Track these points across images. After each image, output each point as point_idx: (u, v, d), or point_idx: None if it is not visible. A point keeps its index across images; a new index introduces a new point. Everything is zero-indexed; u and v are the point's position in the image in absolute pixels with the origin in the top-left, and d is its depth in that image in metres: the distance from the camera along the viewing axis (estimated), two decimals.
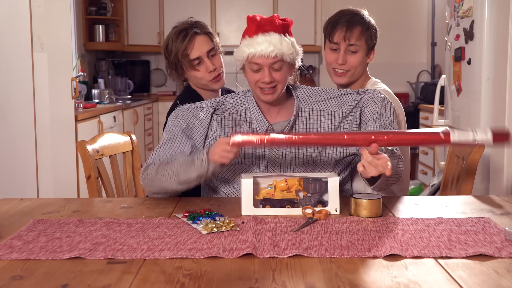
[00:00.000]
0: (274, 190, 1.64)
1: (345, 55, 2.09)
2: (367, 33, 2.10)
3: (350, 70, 2.11)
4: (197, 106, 1.92)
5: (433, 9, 6.24)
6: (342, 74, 2.11)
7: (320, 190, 1.65)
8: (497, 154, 3.25)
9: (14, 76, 3.34)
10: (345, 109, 1.89)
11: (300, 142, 1.59)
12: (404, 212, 1.65)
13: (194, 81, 2.31)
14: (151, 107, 6.07)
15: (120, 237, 1.40)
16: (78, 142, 2.10)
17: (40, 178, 3.46)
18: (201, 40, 2.25)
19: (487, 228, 1.46)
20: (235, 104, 1.93)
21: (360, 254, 1.27)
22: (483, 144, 2.04)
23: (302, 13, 6.25)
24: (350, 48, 2.09)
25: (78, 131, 3.91)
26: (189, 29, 2.25)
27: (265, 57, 1.77)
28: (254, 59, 1.78)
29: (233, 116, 1.91)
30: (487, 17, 3.34)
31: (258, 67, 1.79)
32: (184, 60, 2.23)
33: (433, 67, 6.34)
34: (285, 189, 1.64)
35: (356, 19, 2.09)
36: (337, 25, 2.09)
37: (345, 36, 2.07)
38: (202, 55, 2.24)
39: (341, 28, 2.08)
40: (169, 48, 2.27)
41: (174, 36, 2.26)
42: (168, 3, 6.34)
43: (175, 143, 1.86)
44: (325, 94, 1.93)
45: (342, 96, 1.92)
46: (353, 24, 2.07)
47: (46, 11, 3.45)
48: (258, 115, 1.88)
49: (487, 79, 3.36)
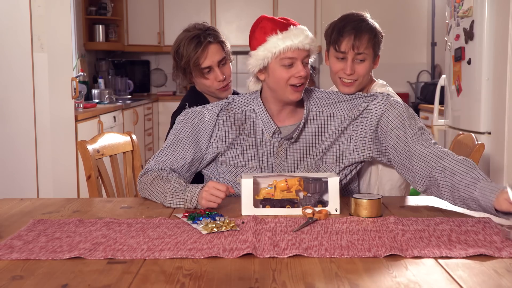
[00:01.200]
0: (274, 190, 1.63)
1: (353, 64, 1.95)
2: (375, 40, 1.98)
3: (358, 80, 1.97)
4: (204, 108, 1.90)
5: (433, 9, 6.24)
6: (350, 84, 1.97)
7: (320, 190, 1.65)
8: (497, 154, 3.25)
9: (14, 76, 3.34)
10: (355, 112, 1.86)
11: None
12: (404, 212, 1.65)
13: (201, 87, 2.28)
14: (151, 107, 6.07)
15: (120, 237, 1.40)
16: (78, 142, 2.10)
17: (40, 178, 3.46)
18: (214, 49, 2.20)
19: (487, 228, 1.46)
20: (241, 104, 1.90)
21: (360, 254, 1.27)
22: (482, 144, 2.04)
23: (302, 13, 6.25)
24: (358, 57, 1.95)
25: (78, 131, 3.91)
26: (202, 37, 2.19)
27: (301, 50, 1.76)
28: (288, 53, 1.75)
29: (238, 116, 1.88)
30: (487, 17, 3.34)
31: (291, 61, 1.76)
32: (195, 69, 2.19)
33: (433, 67, 6.34)
34: (285, 189, 1.63)
35: (363, 25, 1.96)
36: (344, 33, 1.95)
37: (354, 45, 1.94)
38: (213, 64, 2.19)
39: (349, 36, 1.94)
40: (180, 53, 2.21)
41: (186, 42, 2.20)
42: (168, 3, 6.33)
43: (178, 149, 1.85)
44: (337, 97, 1.91)
45: (353, 99, 1.89)
46: (361, 32, 1.95)
47: (46, 11, 3.45)
48: (265, 117, 1.85)
49: (487, 79, 3.36)
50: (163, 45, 6.30)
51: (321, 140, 1.86)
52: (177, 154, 1.84)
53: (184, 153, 1.84)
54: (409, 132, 1.77)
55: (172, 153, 1.85)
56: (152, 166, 1.85)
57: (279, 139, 1.85)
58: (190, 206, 1.69)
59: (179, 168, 1.84)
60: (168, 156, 1.85)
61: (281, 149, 1.85)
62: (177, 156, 1.84)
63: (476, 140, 2.08)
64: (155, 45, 6.36)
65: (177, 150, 1.85)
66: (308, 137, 1.86)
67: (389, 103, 1.82)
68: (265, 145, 1.86)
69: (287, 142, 1.85)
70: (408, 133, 1.76)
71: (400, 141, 1.77)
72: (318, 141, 1.86)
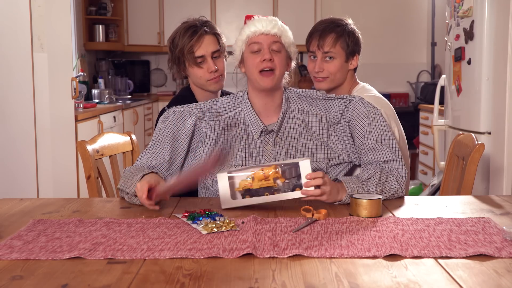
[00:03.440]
0: (252, 180, 1.67)
1: (322, 62, 2.17)
2: (342, 40, 2.16)
3: (328, 76, 2.18)
4: (184, 110, 1.94)
5: (433, 9, 6.24)
6: (322, 80, 2.20)
7: (296, 175, 1.67)
8: (497, 154, 3.25)
9: (14, 76, 3.34)
10: (331, 115, 1.91)
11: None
12: (404, 212, 1.65)
13: (193, 79, 2.33)
14: (151, 107, 6.07)
15: (120, 237, 1.40)
16: (78, 142, 2.10)
17: (40, 178, 3.46)
18: (209, 39, 2.27)
19: (487, 228, 1.46)
20: (228, 108, 1.94)
21: (360, 254, 1.27)
22: (482, 144, 2.04)
23: (302, 13, 6.25)
24: (326, 56, 2.16)
25: (78, 131, 3.91)
26: (199, 27, 2.27)
27: (266, 35, 1.83)
28: (254, 38, 1.84)
29: (227, 120, 1.92)
30: (487, 17, 3.34)
31: (259, 46, 1.84)
32: (189, 56, 2.25)
33: (433, 67, 6.34)
34: (263, 178, 1.66)
35: (330, 27, 2.17)
36: (312, 34, 2.20)
37: (319, 44, 2.16)
38: (206, 54, 2.26)
39: (315, 37, 2.18)
40: (176, 42, 2.29)
41: (182, 31, 2.28)
42: (168, 3, 6.34)
43: (157, 148, 1.90)
44: (310, 94, 1.96)
45: (328, 100, 1.94)
46: (326, 32, 2.16)
47: (46, 11, 3.45)
48: (253, 117, 1.90)
49: (487, 79, 3.36)
50: (163, 45, 6.29)
51: (305, 134, 1.91)
52: (155, 153, 1.89)
53: (162, 151, 1.89)
54: (366, 143, 1.86)
55: (152, 152, 1.90)
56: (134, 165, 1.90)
57: (264, 135, 1.90)
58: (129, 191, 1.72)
59: (158, 165, 1.88)
60: (149, 155, 1.90)
61: (269, 147, 1.89)
62: (156, 155, 1.89)
63: (476, 140, 2.08)
64: (155, 45, 6.36)
65: (156, 149, 1.90)
66: (291, 132, 1.91)
67: (357, 113, 1.89)
68: (255, 144, 1.90)
69: (269, 137, 1.90)
70: (366, 144, 1.87)
71: (358, 147, 1.89)
72: (302, 135, 1.91)
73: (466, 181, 2.01)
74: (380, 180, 1.75)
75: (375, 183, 1.74)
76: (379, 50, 6.50)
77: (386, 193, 1.76)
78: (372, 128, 1.87)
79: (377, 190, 1.74)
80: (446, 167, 2.26)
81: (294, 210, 1.66)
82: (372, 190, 1.73)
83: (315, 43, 2.17)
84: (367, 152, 1.86)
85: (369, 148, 1.86)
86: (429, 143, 4.96)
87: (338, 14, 2.25)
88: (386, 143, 1.85)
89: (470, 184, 2.01)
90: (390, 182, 1.78)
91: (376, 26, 6.38)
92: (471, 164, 2.01)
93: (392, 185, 1.78)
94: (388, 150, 1.84)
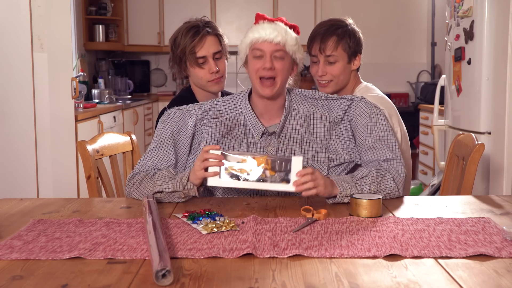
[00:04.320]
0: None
1: (324, 66, 2.15)
2: (343, 42, 2.14)
3: (332, 80, 2.17)
4: (184, 111, 1.93)
5: (433, 9, 6.24)
6: (326, 84, 2.18)
7: (285, 169, 1.67)
8: (497, 154, 3.25)
9: (14, 76, 3.34)
10: (334, 115, 1.91)
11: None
12: (404, 212, 1.65)
13: (194, 79, 2.32)
14: (151, 107, 6.07)
15: (120, 237, 1.40)
16: (78, 142, 2.10)
17: (40, 178, 3.46)
18: (211, 40, 2.27)
19: (487, 228, 1.46)
20: (228, 109, 1.94)
21: (360, 254, 1.27)
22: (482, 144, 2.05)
23: (302, 13, 6.25)
24: (329, 59, 2.15)
25: (78, 131, 3.91)
26: (201, 27, 2.26)
27: (269, 42, 1.81)
28: (257, 45, 1.82)
29: (227, 121, 1.92)
30: (487, 17, 3.34)
31: (261, 53, 1.83)
32: (191, 57, 2.25)
33: (433, 67, 6.34)
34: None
35: (331, 30, 2.14)
36: (314, 38, 2.17)
37: (320, 48, 2.14)
38: (208, 55, 2.26)
39: (317, 41, 2.16)
40: (177, 42, 2.28)
41: (184, 31, 2.27)
42: (168, 3, 6.34)
43: (161, 151, 1.88)
44: (313, 94, 1.96)
45: (330, 100, 1.94)
46: (327, 36, 2.13)
47: (46, 11, 3.45)
48: (253, 119, 1.90)
49: (487, 79, 3.36)
50: (163, 45, 6.30)
51: (306, 136, 1.90)
52: (161, 156, 1.88)
53: (168, 154, 1.88)
54: (367, 143, 1.86)
55: (156, 155, 1.88)
56: (140, 169, 1.87)
57: (266, 137, 1.90)
58: (180, 188, 1.71)
59: (166, 168, 1.86)
60: (153, 158, 1.88)
61: (271, 148, 1.89)
62: (161, 158, 1.87)
63: (476, 140, 2.08)
64: (155, 45, 6.36)
65: (161, 152, 1.88)
66: (293, 134, 1.91)
67: (359, 112, 1.89)
68: (255, 145, 1.90)
69: (271, 138, 1.89)
70: (366, 143, 1.87)
71: (358, 146, 1.89)
72: (303, 137, 1.90)
73: (466, 181, 2.02)
74: (376, 178, 1.76)
75: (369, 182, 1.74)
76: (379, 50, 6.51)
77: (381, 192, 1.76)
78: (373, 127, 1.87)
79: (371, 189, 1.74)
80: (446, 167, 2.26)
81: (294, 210, 1.66)
82: (366, 188, 1.73)
83: (317, 47, 2.15)
84: (367, 151, 1.86)
85: (369, 147, 1.86)
86: (429, 143, 4.96)
87: (338, 14, 2.24)
88: (386, 143, 1.86)
89: (470, 184, 2.01)
90: (386, 181, 1.78)
91: (376, 26, 6.38)
92: (471, 164, 2.01)
93: (388, 184, 1.78)
94: (388, 150, 1.84)
